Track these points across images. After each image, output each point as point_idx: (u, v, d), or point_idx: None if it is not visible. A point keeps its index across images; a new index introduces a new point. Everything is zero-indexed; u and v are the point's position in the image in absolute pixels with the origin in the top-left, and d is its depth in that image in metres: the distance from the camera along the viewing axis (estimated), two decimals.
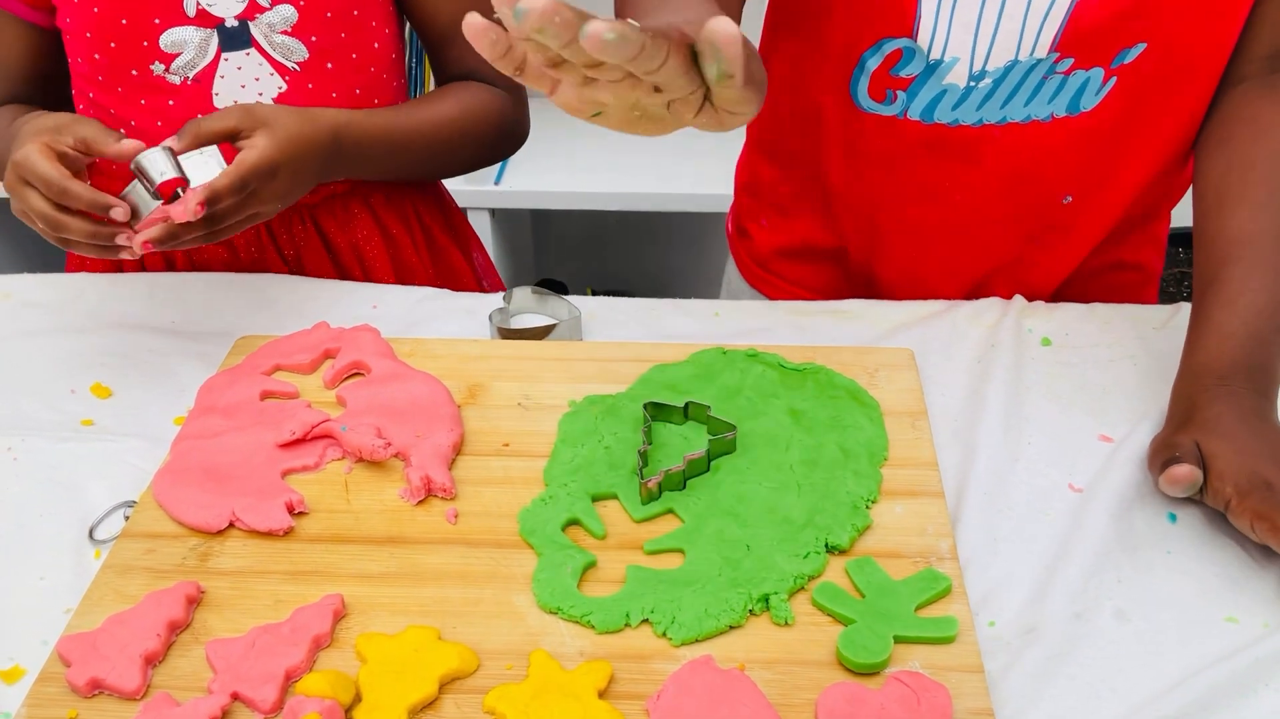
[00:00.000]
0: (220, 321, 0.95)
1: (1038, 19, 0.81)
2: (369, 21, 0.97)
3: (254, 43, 0.95)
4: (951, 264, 0.96)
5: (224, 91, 0.97)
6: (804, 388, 0.82)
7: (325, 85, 0.98)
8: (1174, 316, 0.92)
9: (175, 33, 0.93)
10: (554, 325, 0.91)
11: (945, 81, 0.85)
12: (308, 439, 0.79)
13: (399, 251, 1.10)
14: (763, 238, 1.06)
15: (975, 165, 0.89)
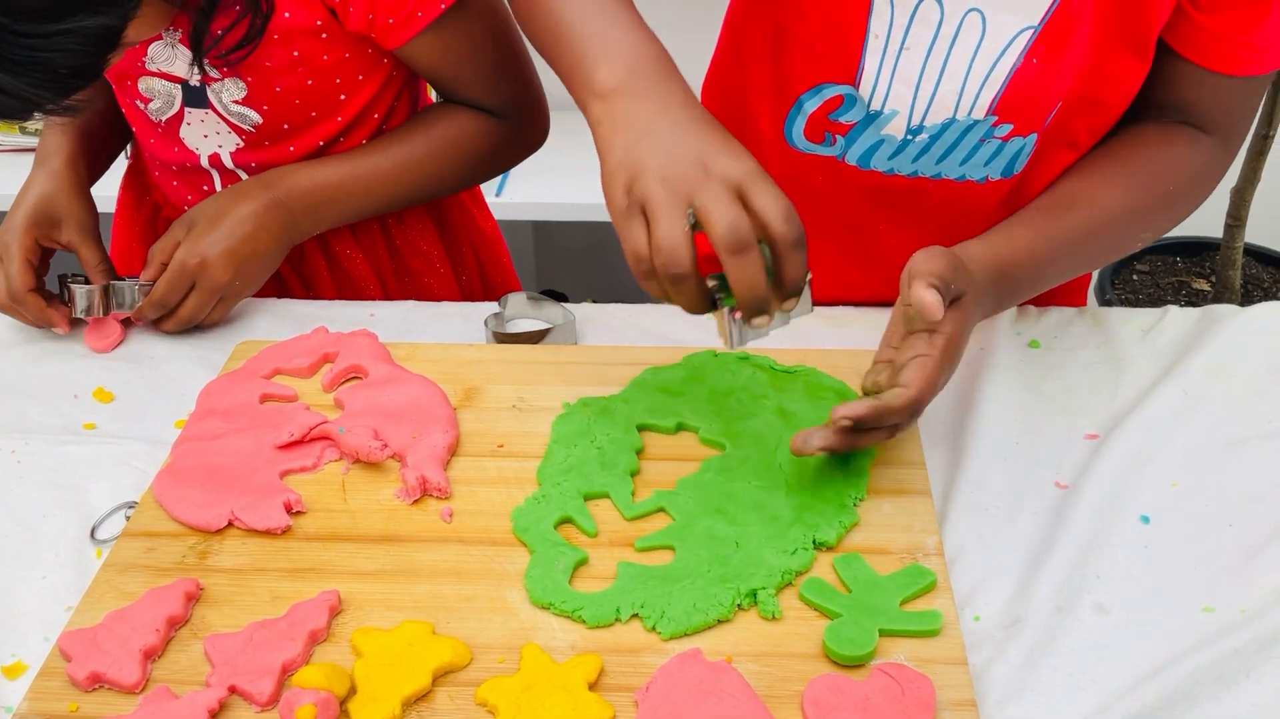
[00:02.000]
0: (221, 327, 0.97)
1: (977, 81, 0.83)
2: (331, 82, 0.98)
3: (210, 105, 0.98)
4: (886, 290, 0.98)
5: (189, 138, 1.01)
6: (794, 389, 0.83)
7: (282, 142, 1.01)
8: (1161, 320, 0.93)
9: (147, 81, 0.98)
10: (549, 330, 0.93)
11: (883, 132, 0.87)
12: (306, 441, 0.80)
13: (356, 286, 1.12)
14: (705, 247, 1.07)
15: (908, 214, 0.92)
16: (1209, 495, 0.77)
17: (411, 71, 1.05)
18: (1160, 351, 0.90)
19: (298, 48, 0.95)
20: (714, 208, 0.64)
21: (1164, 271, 2.04)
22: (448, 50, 0.98)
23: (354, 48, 0.98)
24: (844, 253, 0.97)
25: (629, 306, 0.99)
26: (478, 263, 1.19)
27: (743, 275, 0.64)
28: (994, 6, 0.80)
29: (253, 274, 0.96)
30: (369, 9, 0.93)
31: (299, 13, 0.93)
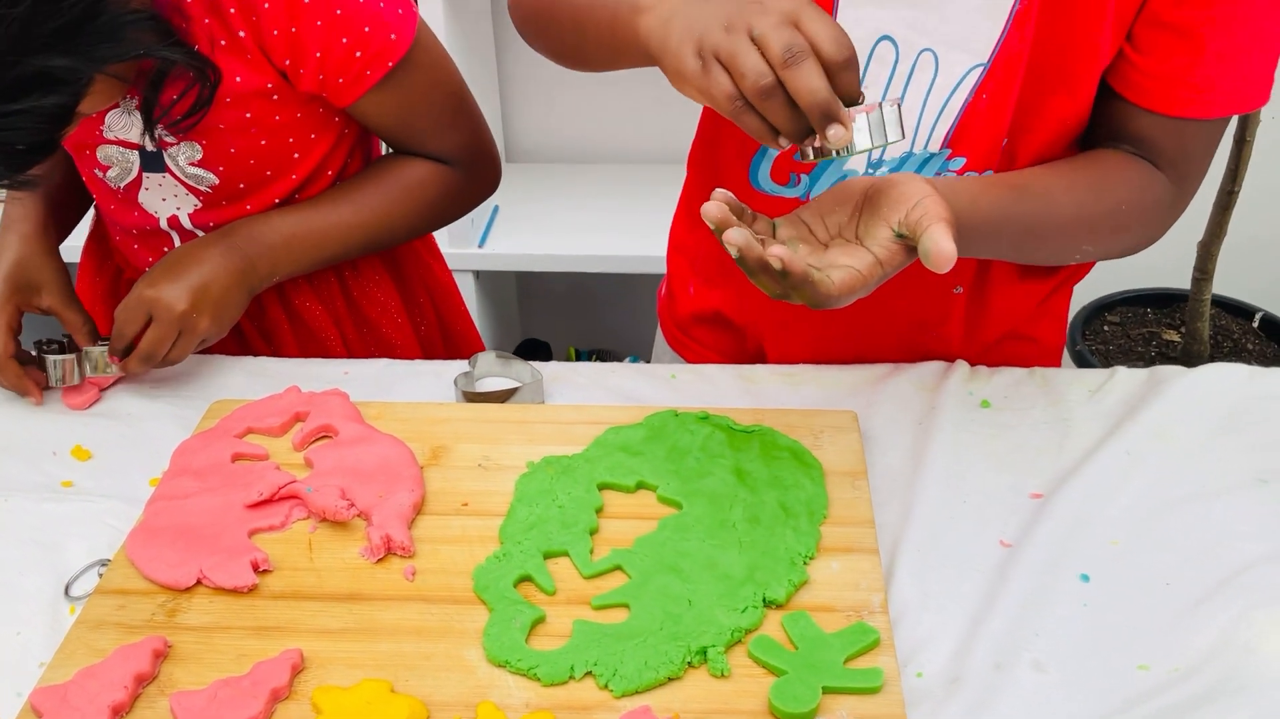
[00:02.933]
0: (197, 385, 1.00)
1: (932, 116, 0.87)
2: (284, 141, 1.01)
3: (168, 169, 1.02)
4: (848, 346, 1.01)
5: (147, 202, 1.04)
6: (750, 449, 0.86)
7: (239, 201, 1.04)
8: (1108, 380, 0.96)
9: (105, 149, 1.01)
10: (516, 389, 0.96)
11: (845, 168, 0.90)
12: (275, 500, 0.83)
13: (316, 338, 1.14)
14: (686, 303, 1.11)
15: None
16: (1148, 555, 0.79)
17: (363, 130, 1.09)
18: (1106, 412, 0.93)
19: (250, 109, 0.98)
20: (771, 33, 0.66)
21: (1135, 322, 2.08)
22: (397, 106, 1.02)
23: (305, 107, 1.01)
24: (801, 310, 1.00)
25: (596, 365, 1.02)
26: (436, 312, 1.22)
27: (801, 84, 0.66)
28: (945, 46, 0.84)
29: (211, 310, 0.97)
30: (319, 70, 0.97)
31: (250, 76, 0.96)
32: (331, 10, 0.95)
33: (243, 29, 0.94)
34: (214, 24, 0.94)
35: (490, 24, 2.02)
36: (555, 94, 2.10)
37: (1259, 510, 0.83)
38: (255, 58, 0.96)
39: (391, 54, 0.98)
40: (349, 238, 1.05)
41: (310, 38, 0.95)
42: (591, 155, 2.15)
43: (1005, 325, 1.03)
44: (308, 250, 1.03)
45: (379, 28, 0.97)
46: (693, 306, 1.10)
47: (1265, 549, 0.79)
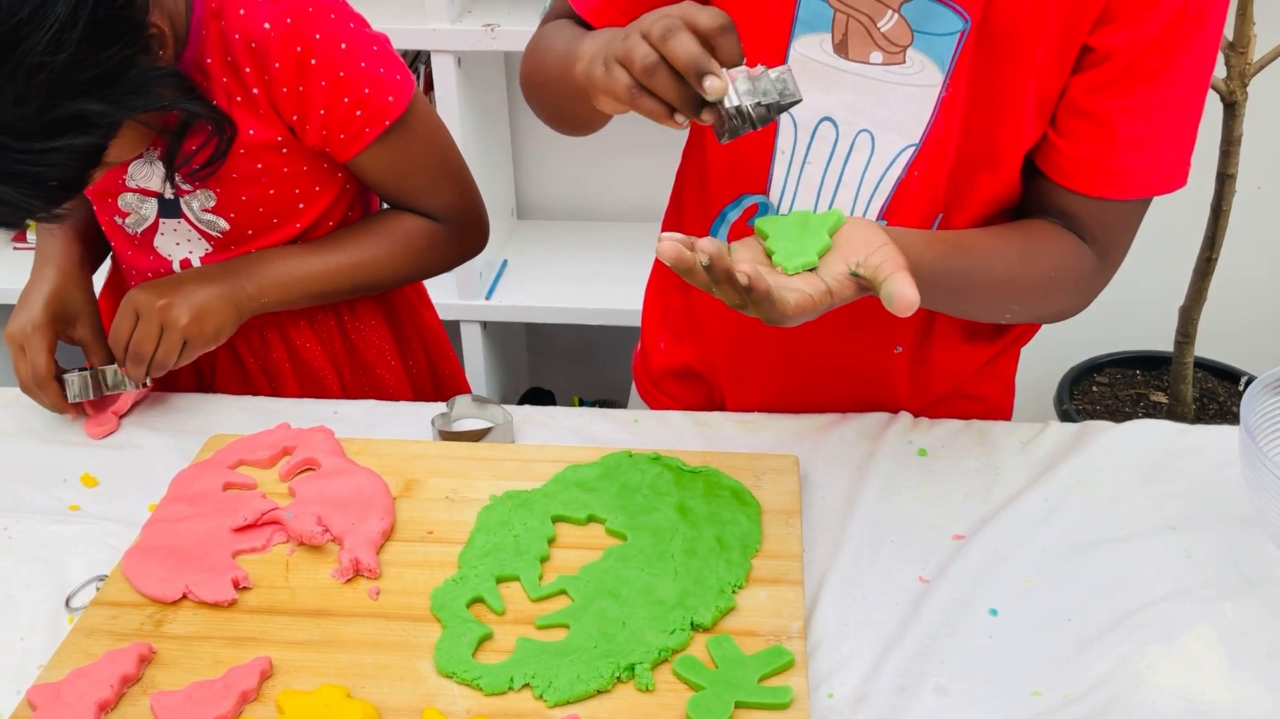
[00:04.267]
0: (198, 421, 1.08)
1: (869, 188, 0.95)
2: (291, 191, 1.11)
3: (183, 215, 1.12)
4: (800, 397, 1.08)
5: (162, 246, 1.14)
6: (695, 487, 0.93)
7: (246, 245, 1.13)
8: (1041, 433, 1.03)
9: (126, 197, 1.12)
10: (489, 429, 1.03)
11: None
12: (258, 525, 0.91)
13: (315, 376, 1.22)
14: (657, 358, 1.18)
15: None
16: (1055, 592, 0.86)
17: (362, 186, 1.18)
18: (1035, 462, 0.99)
19: (261, 161, 1.08)
20: (654, 25, 0.75)
21: (1123, 384, 2.13)
22: (393, 163, 1.12)
23: (311, 161, 1.11)
24: (762, 356, 1.08)
25: (566, 410, 1.09)
26: (426, 357, 1.31)
27: (676, 50, 0.73)
28: (881, 127, 0.93)
29: (193, 311, 1.04)
30: (323, 126, 1.07)
31: (261, 130, 1.07)
32: (335, 73, 1.05)
33: (256, 86, 1.05)
34: (231, 82, 1.05)
35: (504, 87, 2.13)
36: (564, 155, 2.20)
37: (1165, 556, 0.89)
38: (267, 113, 1.06)
39: (388, 114, 1.09)
40: (337, 278, 1.14)
41: (315, 96, 1.05)
42: (598, 213, 2.24)
43: (948, 384, 1.09)
44: (297, 283, 1.12)
45: (378, 90, 1.08)
46: (663, 361, 1.18)
47: (1165, 589, 0.85)
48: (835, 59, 0.91)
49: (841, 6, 0.89)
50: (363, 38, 1.09)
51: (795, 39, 0.92)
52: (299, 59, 1.04)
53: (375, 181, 1.16)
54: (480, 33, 1.81)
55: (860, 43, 0.90)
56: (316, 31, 1.05)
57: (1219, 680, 0.78)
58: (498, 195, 2.16)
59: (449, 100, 1.86)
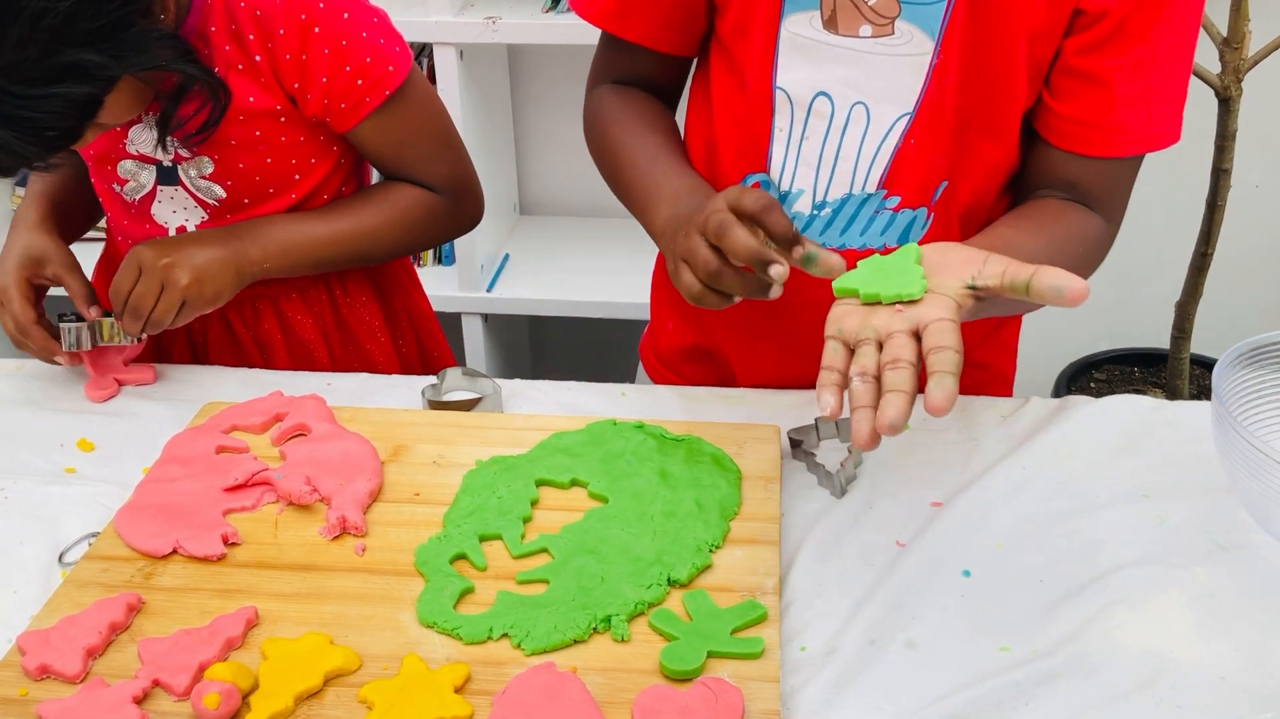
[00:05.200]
0: (195, 391, 1.11)
1: (867, 159, 0.97)
2: (288, 161, 1.13)
3: (180, 182, 1.14)
4: (809, 369, 1.09)
5: (159, 214, 1.16)
6: (677, 454, 0.95)
7: (241, 214, 1.15)
8: (1022, 407, 1.04)
9: (125, 164, 1.14)
10: (478, 400, 1.05)
11: (793, 209, 1.00)
12: (249, 485, 0.93)
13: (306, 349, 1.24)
14: (666, 339, 1.20)
15: (820, 285, 1.03)
16: (1027, 555, 0.87)
17: (357, 161, 1.20)
18: (1014, 434, 1.01)
19: (260, 128, 1.11)
20: (709, 220, 0.83)
21: (1120, 380, 2.14)
22: (391, 133, 1.14)
23: (309, 132, 1.13)
24: (769, 331, 1.09)
25: (554, 383, 1.11)
26: (415, 336, 1.33)
27: (732, 246, 0.81)
28: (874, 98, 0.95)
29: (194, 271, 1.06)
30: (324, 94, 1.09)
31: (262, 97, 1.09)
32: (338, 41, 1.08)
33: (259, 54, 1.07)
34: (233, 50, 1.07)
35: (506, 80, 2.15)
36: (567, 150, 2.22)
37: (1138, 521, 0.90)
38: (268, 80, 1.09)
39: (389, 83, 1.11)
40: (339, 245, 1.16)
41: (318, 64, 1.08)
42: (599, 209, 2.26)
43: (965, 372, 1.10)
44: (299, 248, 1.14)
45: (379, 60, 1.11)
46: (673, 341, 1.20)
47: (1137, 554, 0.87)
48: (825, 35, 0.93)
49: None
50: (364, 9, 1.12)
51: (785, 17, 0.94)
52: (303, 26, 1.07)
53: (373, 152, 1.18)
54: (482, 25, 1.83)
55: (849, 17, 0.92)
56: (321, 1, 1.07)
57: (1186, 639, 0.79)
58: (500, 190, 2.18)
59: (451, 93, 1.88)
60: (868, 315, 0.78)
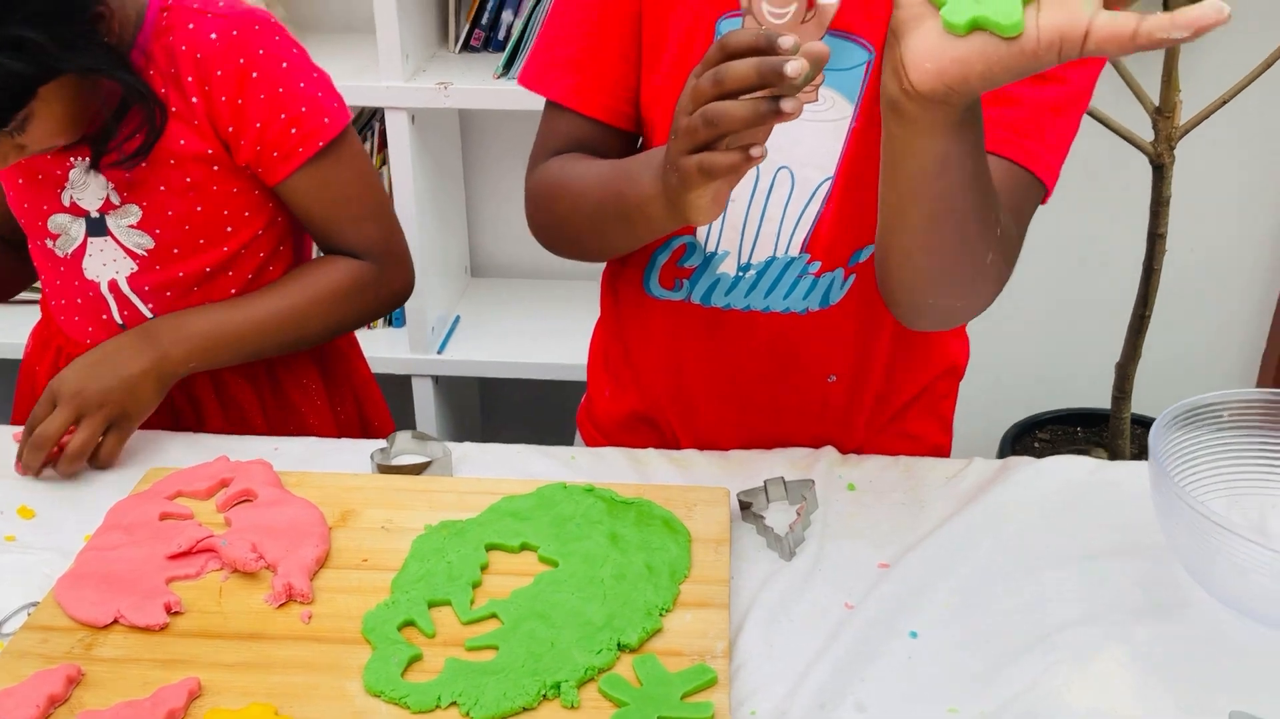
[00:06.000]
0: (139, 456, 1.09)
1: (791, 223, 0.99)
2: (219, 212, 1.13)
3: (109, 233, 1.14)
4: (743, 432, 1.11)
5: (90, 268, 1.16)
6: (627, 517, 0.95)
7: (172, 267, 1.15)
8: (966, 468, 1.06)
9: (57, 218, 1.14)
10: (427, 463, 1.05)
11: (719, 271, 1.02)
12: (193, 552, 0.92)
13: (242, 414, 1.24)
14: (603, 406, 1.20)
15: (747, 345, 1.05)
16: (974, 616, 0.88)
17: (294, 223, 1.20)
18: (958, 495, 1.02)
19: (190, 174, 1.11)
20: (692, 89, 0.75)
21: (1064, 440, 2.18)
22: (322, 188, 1.15)
23: (243, 183, 1.14)
24: (703, 393, 1.11)
25: (504, 446, 1.11)
26: (355, 402, 1.32)
27: (731, 74, 0.71)
28: (798, 163, 0.97)
29: (109, 396, 1.05)
30: (257, 141, 1.10)
31: (194, 141, 1.09)
32: (275, 88, 1.09)
33: (195, 95, 1.08)
34: (170, 92, 1.08)
35: (458, 145, 2.17)
36: (517, 213, 2.21)
37: (1080, 581, 0.91)
38: (202, 124, 1.09)
39: (323, 135, 1.12)
40: (264, 335, 1.16)
41: (253, 109, 1.09)
42: (550, 271, 2.27)
43: (886, 413, 1.12)
44: (226, 344, 1.14)
45: (315, 111, 1.11)
46: (610, 409, 1.20)
47: (1080, 613, 0.88)
48: None
49: None
50: (304, 62, 1.13)
51: None
52: (241, 70, 1.07)
53: (303, 207, 1.17)
54: (434, 91, 1.85)
55: None
56: (260, 47, 1.09)
57: (1130, 698, 0.80)
58: (451, 252, 2.19)
59: (403, 157, 1.90)
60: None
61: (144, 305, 1.18)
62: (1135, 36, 0.58)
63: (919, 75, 0.68)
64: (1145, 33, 0.58)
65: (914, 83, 0.68)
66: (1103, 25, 0.60)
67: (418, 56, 1.92)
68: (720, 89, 0.72)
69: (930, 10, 0.67)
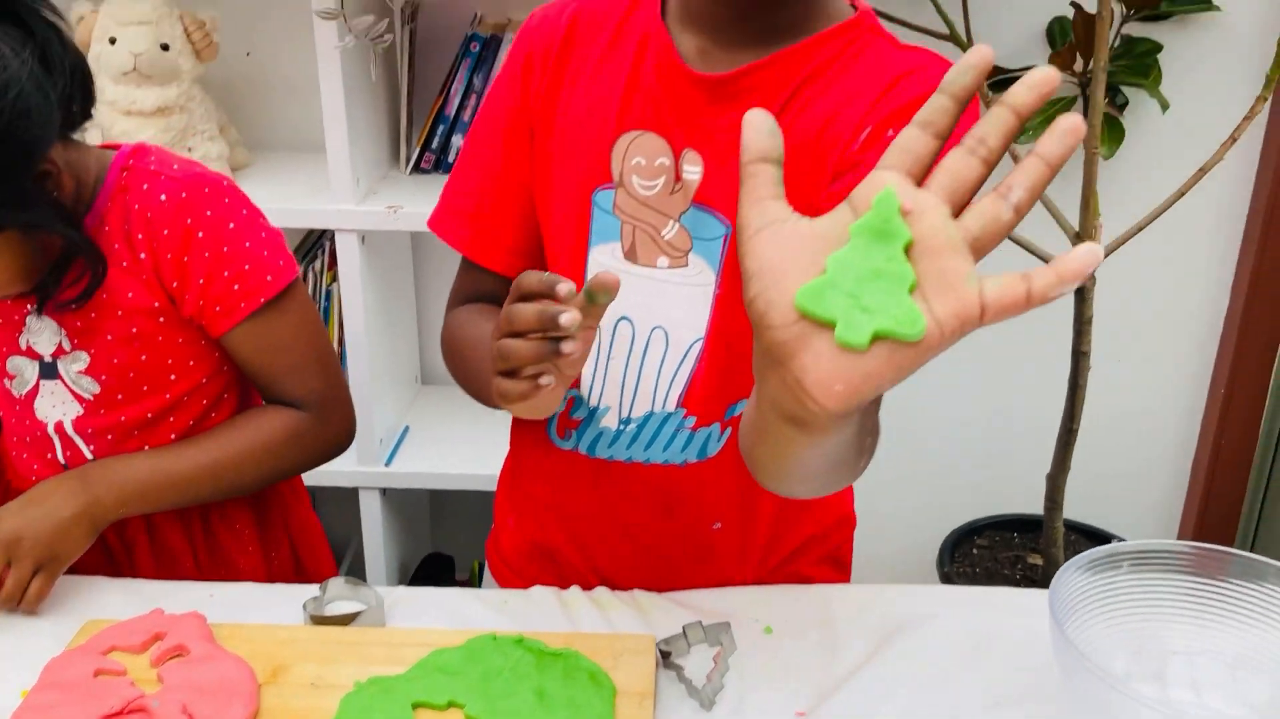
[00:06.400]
0: (74, 604, 1.11)
1: (666, 380, 1.04)
2: (164, 360, 1.18)
3: (60, 376, 1.18)
4: (639, 573, 1.14)
5: (41, 408, 1.20)
6: (554, 670, 0.98)
7: (115, 411, 1.19)
8: (876, 597, 1.10)
9: (14, 359, 1.18)
10: (359, 613, 1.08)
11: (602, 424, 1.07)
12: (125, 713, 0.93)
13: (173, 557, 1.26)
14: (509, 537, 1.24)
15: (631, 494, 1.09)
16: None
17: (240, 373, 1.24)
18: (873, 631, 1.05)
19: (137, 325, 1.15)
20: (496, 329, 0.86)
21: (1001, 546, 2.22)
22: (264, 340, 1.19)
23: (188, 334, 1.18)
24: (597, 536, 1.15)
25: (437, 590, 1.14)
26: (291, 548, 1.35)
27: (515, 318, 0.83)
28: (672, 324, 1.02)
29: (39, 542, 1.08)
30: (201, 296, 1.14)
31: (141, 294, 1.14)
32: (220, 247, 1.14)
33: (144, 251, 1.13)
34: (122, 248, 1.13)
35: (410, 263, 2.21)
36: None
37: None
38: (149, 278, 1.14)
39: (264, 292, 1.16)
40: (199, 484, 1.19)
41: (197, 266, 1.13)
42: None
43: (776, 556, 1.16)
44: (160, 491, 1.17)
45: (258, 269, 1.16)
46: (514, 539, 1.23)
47: None
48: (627, 265, 1.01)
49: (627, 219, 1.00)
50: (254, 222, 1.18)
51: (592, 248, 1.03)
52: (187, 230, 1.12)
53: (245, 358, 1.21)
54: (384, 213, 1.90)
55: (647, 250, 1.01)
56: (208, 209, 1.14)
57: None
58: (401, 362, 2.22)
59: (352, 276, 1.94)
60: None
61: (86, 447, 1.21)
62: (1030, 298, 0.58)
63: (828, 397, 0.62)
64: (1039, 292, 0.57)
65: (823, 405, 0.62)
66: (995, 300, 0.59)
67: (369, 178, 1.97)
68: (510, 328, 0.83)
69: (813, 328, 0.61)
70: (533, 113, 1.04)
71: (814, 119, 0.94)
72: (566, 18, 1.03)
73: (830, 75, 0.95)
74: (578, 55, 1.02)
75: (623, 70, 1.00)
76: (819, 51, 0.95)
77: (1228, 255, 2.11)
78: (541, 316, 0.81)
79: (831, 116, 0.94)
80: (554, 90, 1.03)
